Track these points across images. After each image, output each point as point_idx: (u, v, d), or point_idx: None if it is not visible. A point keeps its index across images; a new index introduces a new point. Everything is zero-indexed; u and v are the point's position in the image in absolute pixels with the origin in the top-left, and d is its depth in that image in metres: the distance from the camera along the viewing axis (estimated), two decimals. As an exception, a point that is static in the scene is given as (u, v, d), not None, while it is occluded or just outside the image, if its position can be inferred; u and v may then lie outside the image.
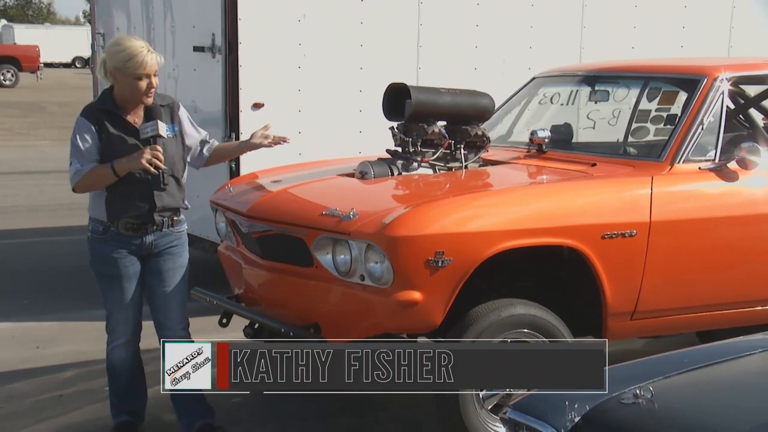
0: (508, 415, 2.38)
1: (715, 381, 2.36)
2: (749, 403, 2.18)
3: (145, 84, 3.98)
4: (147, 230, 4.11)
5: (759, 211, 4.70)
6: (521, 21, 7.21)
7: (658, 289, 4.48)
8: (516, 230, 4.19)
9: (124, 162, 3.94)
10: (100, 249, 4.15)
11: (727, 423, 2.06)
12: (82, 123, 4.03)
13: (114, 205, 4.06)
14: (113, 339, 4.29)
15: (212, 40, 6.53)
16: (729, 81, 4.84)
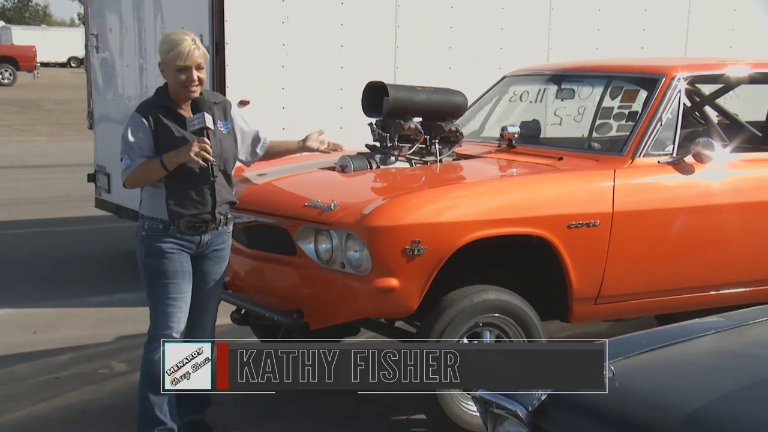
0: (479, 393, 2.38)
1: (671, 360, 2.37)
2: (703, 380, 2.19)
3: (185, 76, 3.74)
4: (207, 228, 3.87)
5: (713, 202, 4.73)
6: (492, 23, 7.22)
7: (620, 275, 4.50)
8: (487, 220, 4.20)
9: (173, 155, 3.71)
10: (158, 246, 3.83)
11: (682, 399, 2.07)
12: (136, 118, 3.80)
13: (175, 203, 3.79)
14: (165, 337, 3.81)
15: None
16: (686, 80, 4.86)
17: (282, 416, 4.52)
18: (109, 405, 4.72)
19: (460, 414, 4.14)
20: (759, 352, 2.38)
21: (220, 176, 3.87)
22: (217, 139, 3.84)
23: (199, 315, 4.01)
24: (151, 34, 7.25)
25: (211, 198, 3.84)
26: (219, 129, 3.88)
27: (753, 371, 2.21)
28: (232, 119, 4.02)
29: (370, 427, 4.43)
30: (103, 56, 8.18)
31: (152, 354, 3.82)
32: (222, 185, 3.89)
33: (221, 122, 3.91)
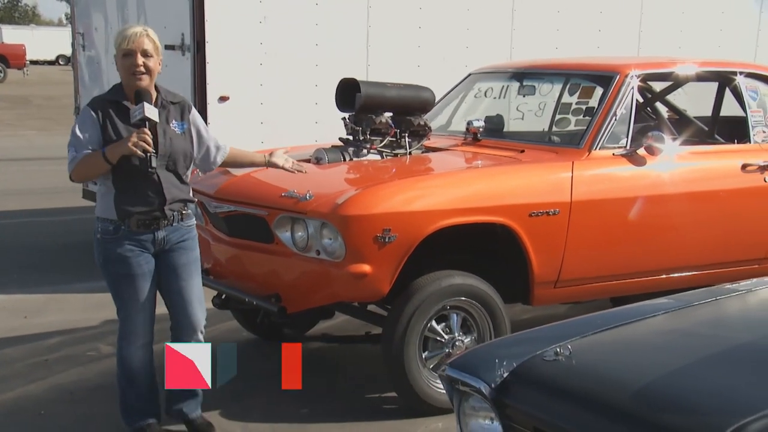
0: (446, 372, 2.39)
1: (624, 339, 2.39)
2: (653, 358, 2.21)
3: (130, 61, 3.52)
4: (158, 226, 3.64)
5: (664, 191, 4.76)
6: (458, 24, 7.22)
7: (578, 260, 4.52)
8: (454, 209, 4.21)
9: (113, 147, 3.48)
10: (112, 249, 3.64)
11: (634, 375, 2.09)
12: (85, 112, 3.60)
13: (123, 202, 3.59)
14: (132, 341, 3.78)
15: (182, 40, 6.46)
16: (638, 77, 4.89)
17: (258, 393, 4.51)
18: (96, 385, 4.68)
19: (429, 391, 4.16)
20: (704, 331, 2.41)
21: (170, 175, 3.65)
22: (167, 137, 3.62)
23: (183, 309, 3.81)
24: (135, 33, 7.18)
25: (158, 194, 3.61)
26: (171, 128, 3.66)
27: (699, 348, 2.23)
28: (190, 121, 3.78)
29: (345, 404, 4.43)
30: (89, 54, 8.11)
31: (121, 351, 3.82)
32: (172, 183, 3.66)
33: (175, 122, 3.69)
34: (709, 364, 2.13)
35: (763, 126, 5.18)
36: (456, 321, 4.28)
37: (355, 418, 4.26)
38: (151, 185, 3.59)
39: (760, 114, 5.19)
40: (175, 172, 3.69)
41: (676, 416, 1.91)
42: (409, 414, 4.25)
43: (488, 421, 2.30)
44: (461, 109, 5.75)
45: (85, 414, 4.30)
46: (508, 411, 2.22)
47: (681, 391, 2.00)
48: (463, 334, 4.29)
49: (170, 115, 3.68)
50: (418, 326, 4.14)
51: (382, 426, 4.19)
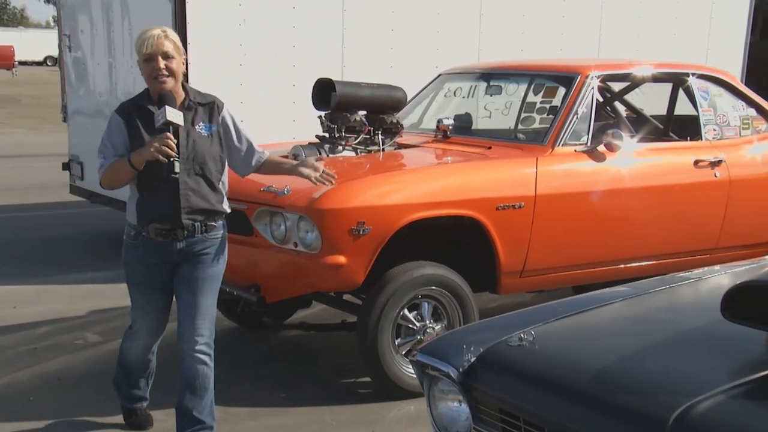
0: (416, 357, 2.39)
1: (584, 325, 2.40)
2: (610, 342, 2.23)
3: (152, 66, 3.27)
4: (177, 236, 3.38)
5: (622, 186, 4.79)
6: (429, 27, 7.23)
7: (542, 251, 4.54)
8: (425, 203, 4.22)
9: (137, 153, 3.26)
10: (132, 254, 3.48)
11: (593, 359, 2.10)
12: (113, 118, 3.38)
13: (143, 207, 3.38)
14: (133, 339, 3.70)
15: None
16: (598, 78, 4.92)
17: (238, 379, 4.50)
18: (83, 372, 4.65)
19: (401, 376, 4.17)
20: (658, 317, 2.43)
21: (194, 180, 3.36)
22: (190, 139, 3.34)
23: (185, 326, 3.49)
24: (119, 35, 7.14)
25: (176, 203, 3.33)
26: (196, 130, 3.37)
27: (653, 333, 2.25)
28: (221, 123, 3.46)
29: (322, 389, 4.43)
30: (76, 55, 8.02)
31: (126, 344, 3.77)
32: (193, 190, 3.36)
33: (202, 124, 3.39)
34: (661, 347, 2.14)
35: (714, 124, 5.23)
36: (427, 309, 4.29)
37: (332, 402, 4.26)
38: (170, 191, 3.32)
39: (710, 113, 5.24)
40: (204, 177, 3.39)
41: (631, 397, 1.92)
42: (382, 398, 4.26)
43: (456, 403, 2.31)
44: (432, 108, 5.76)
45: (72, 400, 4.26)
46: (475, 394, 2.23)
47: (635, 374, 2.02)
48: (434, 322, 4.30)
49: (197, 117, 3.39)
50: (391, 314, 4.15)
51: (357, 409, 4.20)
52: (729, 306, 2.03)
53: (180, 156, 3.29)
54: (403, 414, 4.13)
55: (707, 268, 2.90)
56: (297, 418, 4.09)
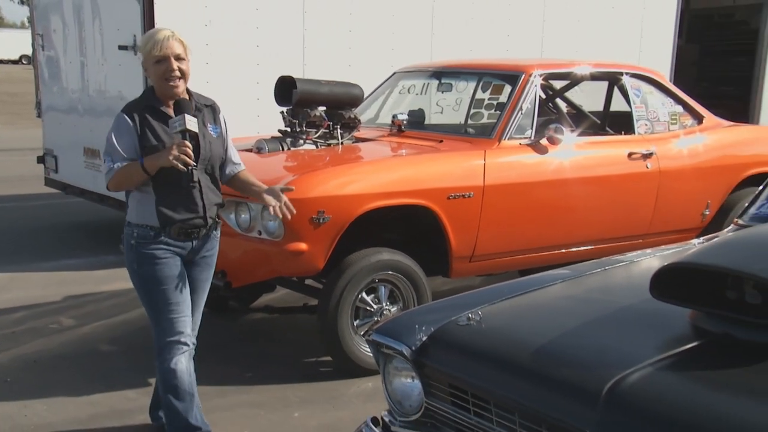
0: (372, 337, 2.39)
1: (527, 305, 2.42)
2: (551, 320, 2.24)
3: (164, 67, 3.03)
4: (198, 234, 3.19)
5: (564, 176, 4.83)
6: (385, 28, 7.21)
7: (490, 238, 4.57)
8: (381, 193, 4.22)
9: (153, 159, 3.02)
10: (149, 252, 3.12)
11: (535, 337, 2.11)
12: (120, 119, 3.07)
13: (165, 209, 3.10)
14: (176, 349, 3.19)
15: (134, 41, 6.31)
16: (541, 77, 4.95)
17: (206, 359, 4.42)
18: (58, 354, 4.59)
19: (360, 355, 4.18)
20: (594, 296, 2.45)
21: (207, 179, 3.19)
22: (207, 141, 3.15)
23: None
24: (90, 35, 7.02)
25: (201, 201, 3.15)
26: (209, 132, 3.19)
27: (590, 312, 2.27)
28: (221, 124, 3.31)
29: (285, 368, 4.42)
30: (49, 54, 7.86)
31: (167, 363, 3.19)
32: (209, 188, 3.20)
33: (211, 125, 3.21)
34: (596, 325, 2.17)
35: (645, 120, 5.29)
36: (384, 292, 4.30)
37: (295, 380, 4.26)
38: (191, 191, 3.13)
39: (642, 109, 5.31)
40: (212, 176, 3.24)
41: (569, 370, 1.94)
42: (342, 375, 4.26)
43: (409, 379, 2.32)
44: (387, 104, 5.75)
45: (48, 380, 4.21)
46: (427, 370, 2.23)
47: (573, 349, 2.04)
48: (391, 304, 4.31)
49: (206, 119, 3.20)
50: (350, 297, 4.15)
51: (318, 386, 4.20)
52: (657, 286, 2.06)
53: (198, 160, 3.09)
54: (361, 390, 4.14)
55: (639, 251, 2.93)
56: (262, 396, 4.08)
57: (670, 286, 2.05)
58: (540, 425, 1.92)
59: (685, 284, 2.03)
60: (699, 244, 2.70)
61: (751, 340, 1.91)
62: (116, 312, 5.37)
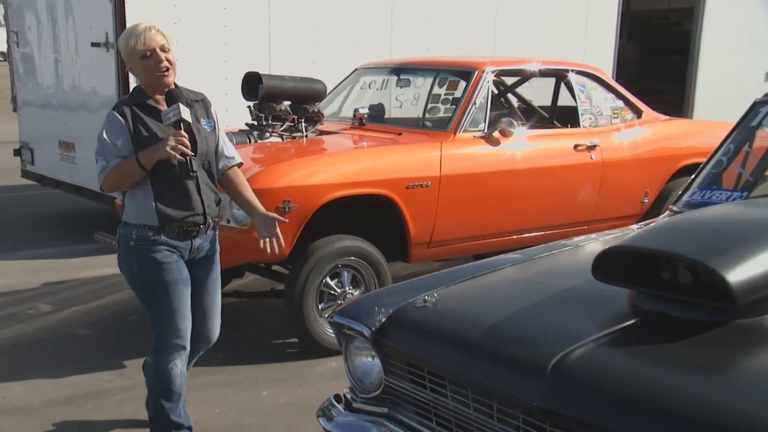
0: (334, 319, 2.39)
1: (480, 288, 2.43)
2: (502, 301, 2.25)
3: (152, 61, 2.81)
4: (198, 232, 2.94)
5: (515, 167, 4.86)
6: (347, 27, 7.18)
7: (446, 225, 4.59)
8: (344, 183, 4.21)
9: (149, 152, 2.77)
10: (150, 256, 2.88)
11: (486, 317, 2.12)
12: (112, 117, 2.83)
13: (164, 207, 2.85)
14: (174, 352, 2.98)
15: (106, 38, 6.21)
16: (493, 73, 4.97)
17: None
18: (36, 339, 4.52)
19: (324, 337, 4.17)
20: (542, 279, 2.46)
21: (204, 175, 2.95)
22: (202, 135, 2.92)
23: (204, 323, 3.10)
24: (63, 32, 6.88)
25: (200, 197, 2.91)
26: (202, 126, 2.96)
27: (538, 293, 2.28)
28: (214, 119, 3.07)
29: (254, 349, 4.40)
30: (24, 51, 7.69)
31: (161, 364, 2.99)
32: (206, 184, 2.96)
33: (204, 120, 2.98)
34: (543, 305, 2.18)
35: (590, 114, 5.34)
36: (347, 277, 4.29)
37: (264, 360, 4.24)
38: (190, 188, 2.89)
39: (587, 104, 5.35)
40: (209, 171, 2.99)
41: (518, 348, 1.96)
42: (308, 356, 4.26)
43: (370, 358, 2.32)
44: (349, 99, 5.73)
45: (26, 364, 4.14)
46: (386, 350, 2.24)
47: (521, 328, 2.05)
48: (353, 288, 4.31)
49: (198, 114, 2.97)
50: (315, 282, 4.14)
51: (286, 366, 4.19)
52: (599, 268, 2.08)
53: (196, 153, 2.85)
54: (326, 370, 4.13)
55: (584, 236, 2.96)
56: (232, 376, 4.06)
57: (611, 268, 2.07)
58: (491, 399, 1.94)
59: (625, 266, 2.06)
60: (637, 229, 2.74)
61: (683, 317, 1.94)
62: (91, 298, 5.30)
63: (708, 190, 2.91)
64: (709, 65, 9.79)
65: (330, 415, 2.42)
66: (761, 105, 3.01)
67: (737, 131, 3.04)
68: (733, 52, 9.81)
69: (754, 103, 3.07)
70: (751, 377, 1.74)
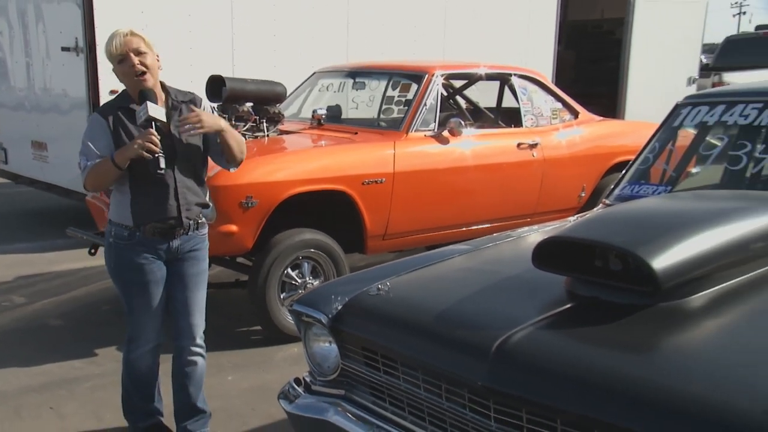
0: (293, 307, 2.37)
1: (429, 276, 2.43)
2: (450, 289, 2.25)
3: (126, 65, 2.70)
4: (174, 235, 2.83)
5: (463, 164, 4.88)
6: (305, 33, 7.11)
7: (400, 218, 4.58)
8: (304, 179, 4.18)
9: (121, 151, 2.68)
10: (125, 255, 2.83)
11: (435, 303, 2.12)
12: (94, 119, 2.78)
13: (139, 207, 2.78)
14: (139, 345, 2.94)
15: (76, 42, 6.05)
16: (442, 76, 4.98)
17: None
18: (10, 330, 4.40)
19: (286, 324, 4.14)
20: (487, 267, 2.47)
21: (188, 179, 2.83)
22: (182, 138, 2.78)
23: (185, 317, 2.97)
24: (34, 37, 6.68)
25: (175, 201, 2.79)
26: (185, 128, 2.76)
27: (483, 280, 2.29)
28: None
29: (221, 337, 4.34)
30: (-5, 55, 7.46)
31: (130, 354, 2.97)
32: (188, 187, 2.83)
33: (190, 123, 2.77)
34: (488, 291, 2.19)
35: (531, 115, 5.38)
36: (307, 268, 4.26)
37: (229, 347, 4.19)
38: (166, 190, 2.78)
39: (528, 105, 5.39)
40: (194, 174, 2.86)
41: (463, 331, 1.96)
42: (271, 342, 4.22)
43: (327, 344, 2.31)
44: (308, 101, 5.68)
45: (0, 353, 4.03)
46: (342, 335, 2.23)
47: (467, 313, 2.06)
48: (313, 278, 4.28)
49: (182, 112, 2.83)
50: (277, 273, 4.10)
51: (251, 352, 4.15)
52: (538, 257, 2.10)
53: (167, 152, 2.71)
54: (288, 355, 4.10)
55: (527, 227, 2.98)
56: (199, 361, 3.99)
57: (549, 257, 2.09)
58: (440, 380, 1.94)
59: (562, 255, 2.08)
60: (574, 221, 2.77)
61: (614, 301, 1.96)
62: (64, 290, 5.18)
63: (636, 185, 2.96)
64: (638, 71, 10.00)
65: (290, 398, 2.40)
66: (682, 107, 3.07)
67: (661, 131, 3.09)
68: (660, 58, 10.03)
69: (675, 105, 3.12)
70: (672, 355, 1.77)
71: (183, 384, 3.05)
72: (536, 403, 1.74)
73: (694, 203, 2.43)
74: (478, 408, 1.84)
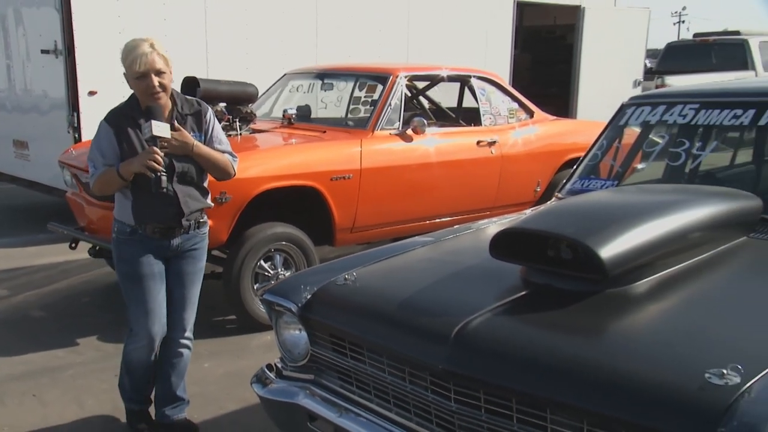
0: (264, 297, 2.35)
1: (394, 266, 2.42)
2: (413, 278, 2.24)
3: (145, 84, 2.63)
4: (174, 234, 2.79)
5: (427, 161, 4.87)
6: (276, 36, 7.08)
7: (367, 212, 4.57)
8: (275, 176, 4.14)
9: (126, 165, 2.66)
10: (126, 249, 2.80)
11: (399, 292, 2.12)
12: (102, 127, 2.73)
13: (140, 211, 2.75)
14: (136, 340, 2.89)
15: (55, 45, 5.91)
16: (406, 78, 4.97)
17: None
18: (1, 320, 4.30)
19: (260, 313, 4.09)
20: (447, 258, 2.48)
21: (189, 188, 2.78)
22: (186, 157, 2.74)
23: (178, 315, 2.93)
24: (14, 40, 6.53)
25: (176, 208, 2.75)
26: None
27: (444, 270, 2.29)
28: (206, 129, 2.82)
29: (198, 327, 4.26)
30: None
31: (128, 346, 2.94)
32: (190, 196, 2.78)
33: (193, 134, 2.75)
34: (449, 280, 2.19)
35: (490, 114, 5.39)
36: (279, 260, 4.22)
37: (206, 336, 4.12)
38: (168, 200, 2.73)
39: (487, 105, 5.40)
40: (195, 182, 2.81)
41: (425, 318, 1.96)
42: (245, 331, 4.18)
43: (297, 331, 2.29)
44: (279, 101, 5.62)
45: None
46: (311, 323, 2.21)
47: (429, 301, 2.06)
48: (285, 270, 4.24)
49: (187, 128, 2.75)
50: (250, 265, 4.06)
51: (226, 340, 4.10)
52: (495, 247, 2.11)
53: (169, 170, 2.68)
54: (262, 342, 4.06)
55: (486, 220, 2.99)
56: (177, 350, 3.94)
57: (506, 247, 2.10)
58: (403, 364, 1.94)
59: (517, 245, 2.09)
60: (529, 213, 2.78)
61: (566, 288, 1.98)
62: (47, 283, 5.07)
63: (587, 180, 2.98)
64: (589, 73, 10.14)
65: (263, 383, 2.38)
66: (627, 107, 3.10)
67: (609, 129, 3.12)
68: (608, 62, 10.18)
69: (621, 105, 3.16)
70: (617, 337, 1.79)
71: (167, 373, 3.01)
72: (493, 384, 1.74)
73: (638, 196, 2.46)
74: (439, 390, 1.84)
